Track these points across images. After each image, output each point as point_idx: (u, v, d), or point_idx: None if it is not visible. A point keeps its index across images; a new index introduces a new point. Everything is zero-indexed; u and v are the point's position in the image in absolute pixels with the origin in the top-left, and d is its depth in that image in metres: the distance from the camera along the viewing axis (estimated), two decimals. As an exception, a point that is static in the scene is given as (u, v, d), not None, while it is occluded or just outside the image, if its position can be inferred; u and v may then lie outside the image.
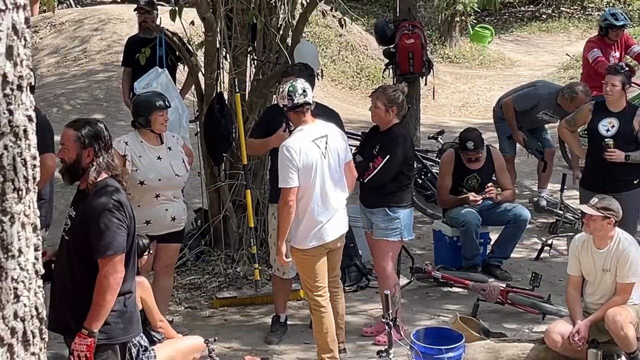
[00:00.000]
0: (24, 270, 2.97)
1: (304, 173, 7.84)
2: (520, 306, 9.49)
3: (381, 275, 9.08)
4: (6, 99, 2.85)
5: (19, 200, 2.90)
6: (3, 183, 2.88)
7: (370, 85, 15.95)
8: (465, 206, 10.30)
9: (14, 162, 2.90)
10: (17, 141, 2.88)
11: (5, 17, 2.82)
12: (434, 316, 9.53)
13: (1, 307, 2.89)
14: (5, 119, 2.85)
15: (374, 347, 8.74)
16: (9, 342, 2.94)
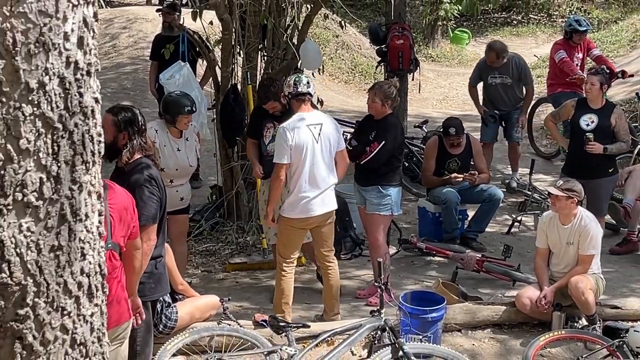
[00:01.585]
0: (89, 233, 2.99)
1: (296, 151, 7.96)
2: (493, 274, 9.56)
3: (373, 245, 9.14)
4: (77, 83, 2.87)
5: (87, 171, 2.93)
6: (73, 156, 2.90)
7: (363, 80, 15.99)
8: (446, 186, 10.35)
9: (82, 138, 2.92)
10: (86, 120, 2.90)
11: (78, 11, 2.84)
12: (418, 281, 9.57)
13: (70, 264, 2.91)
14: (76, 101, 2.87)
15: (367, 308, 8.79)
16: (76, 294, 2.95)
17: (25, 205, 2.83)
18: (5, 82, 2.74)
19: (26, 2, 2.73)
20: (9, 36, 2.72)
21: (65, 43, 2.82)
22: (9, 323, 2.86)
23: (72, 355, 2.97)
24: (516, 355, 7.91)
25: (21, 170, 2.80)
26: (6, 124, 2.76)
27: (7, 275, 2.82)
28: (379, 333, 7.46)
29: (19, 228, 2.82)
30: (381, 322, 7.41)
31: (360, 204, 9.32)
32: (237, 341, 7.43)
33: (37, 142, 2.80)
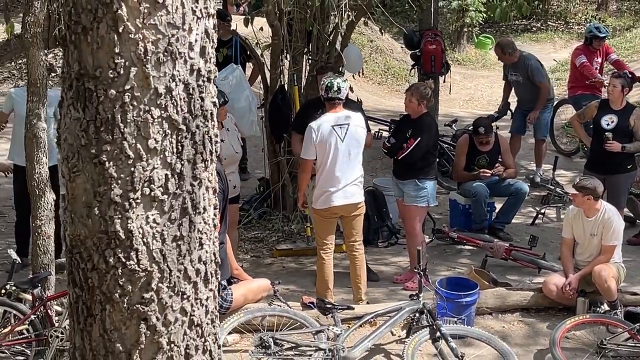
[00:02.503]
0: (206, 224, 3.03)
1: (320, 149, 8.13)
2: (520, 262, 9.56)
3: (411, 234, 9.18)
4: (199, 89, 2.91)
5: (205, 168, 2.97)
6: (195, 155, 2.94)
7: (395, 82, 16.04)
8: (476, 180, 10.35)
9: (203, 138, 2.96)
10: (206, 122, 2.95)
11: (201, 23, 2.88)
12: (450, 268, 9.58)
13: (190, 252, 2.96)
14: (198, 104, 2.91)
15: (403, 292, 8.83)
16: (195, 280, 3.00)
17: (152, 199, 2.88)
18: (137, 88, 2.79)
19: (157, 15, 2.78)
20: (141, 46, 2.77)
21: (190, 52, 2.86)
22: (135, 306, 2.92)
23: (190, 335, 3.02)
24: (543, 337, 7.91)
25: (149, 167, 2.85)
26: (137, 126, 2.81)
27: (135, 263, 2.87)
28: (418, 315, 7.54)
29: (146, 220, 2.87)
30: (420, 305, 7.48)
31: (398, 196, 9.35)
32: (287, 321, 7.49)
33: (163, 142, 2.85)
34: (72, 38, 2.83)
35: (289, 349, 7.29)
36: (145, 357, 2.95)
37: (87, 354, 2.99)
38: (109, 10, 2.75)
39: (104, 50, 2.78)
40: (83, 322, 2.98)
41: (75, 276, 2.97)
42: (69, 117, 2.88)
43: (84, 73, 2.82)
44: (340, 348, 7.21)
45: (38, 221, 7.37)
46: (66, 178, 2.93)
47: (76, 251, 2.95)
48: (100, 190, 2.85)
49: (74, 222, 2.92)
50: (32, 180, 7.40)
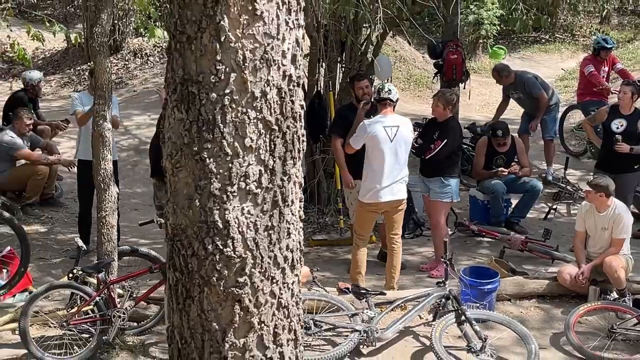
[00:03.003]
0: (294, 216, 3.05)
1: (370, 144, 8.15)
2: (535, 253, 9.53)
3: (436, 227, 9.18)
4: (290, 93, 2.93)
5: (294, 165, 2.99)
6: (285, 153, 2.96)
7: (417, 88, 16.03)
8: (494, 178, 10.35)
9: (292, 138, 2.98)
10: (295, 123, 2.96)
11: (292, 33, 2.89)
12: (471, 258, 9.56)
13: (279, 241, 2.97)
14: (289, 107, 2.93)
15: (429, 280, 8.82)
16: (283, 266, 3.02)
17: (247, 192, 2.89)
18: (236, 91, 2.81)
19: (255, 25, 2.79)
20: (240, 53, 2.79)
21: (283, 59, 2.88)
22: (231, 289, 2.93)
23: (278, 316, 3.03)
24: (558, 322, 7.89)
25: (245, 163, 2.87)
26: (235, 126, 2.83)
27: (231, 250, 2.89)
28: (444, 301, 7.55)
29: (241, 211, 2.89)
30: (446, 291, 7.49)
31: (424, 192, 9.38)
32: (325, 304, 7.51)
33: (258, 141, 2.87)
34: (177, 46, 2.85)
35: (327, 330, 7.32)
36: (239, 335, 2.96)
37: (185, 332, 3.00)
38: (212, 22, 2.76)
39: (206, 57, 2.80)
40: (182, 303, 3.00)
41: (176, 261, 2.99)
42: (172, 118, 2.90)
43: (187, 78, 2.84)
44: (374, 329, 7.23)
45: (103, 212, 7.41)
46: (169, 173, 2.95)
47: (177, 239, 2.97)
48: (201, 184, 2.87)
49: (175, 212, 2.94)
50: (98, 175, 7.45)
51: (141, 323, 7.62)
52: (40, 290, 7.21)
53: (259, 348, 3.00)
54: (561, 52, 21.55)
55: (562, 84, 17.50)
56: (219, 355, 2.96)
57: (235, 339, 2.96)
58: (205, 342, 2.97)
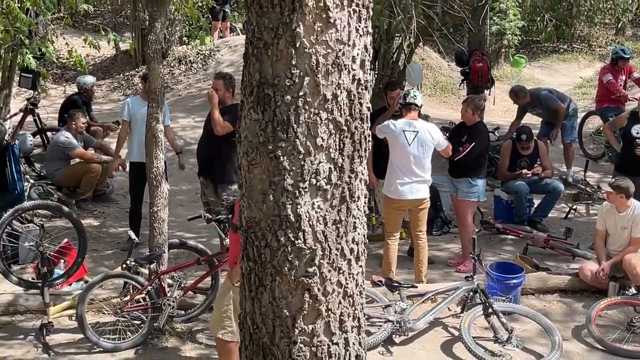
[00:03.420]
0: (359, 210, 3.05)
1: (390, 142, 8.23)
2: (557, 250, 9.50)
3: (463, 225, 9.18)
4: (358, 95, 2.93)
5: (360, 163, 2.99)
6: (353, 152, 2.96)
7: (442, 94, 16.02)
8: (518, 180, 10.32)
9: (360, 138, 2.98)
10: (362, 124, 2.97)
11: (362, 40, 2.90)
12: (496, 254, 9.53)
13: (346, 234, 2.98)
14: (357, 109, 2.93)
15: (456, 274, 8.82)
16: (349, 258, 3.02)
17: (317, 188, 2.90)
18: (309, 94, 2.82)
19: (328, 32, 2.80)
20: (314, 59, 2.80)
21: (353, 64, 2.88)
22: (301, 278, 2.94)
23: (344, 304, 3.03)
24: (579, 315, 7.87)
25: (316, 161, 2.87)
26: (307, 126, 2.84)
27: (302, 242, 2.90)
28: (472, 294, 7.57)
29: (312, 206, 2.89)
30: (474, 285, 7.50)
31: (452, 192, 9.39)
32: (361, 296, 7.48)
33: (329, 140, 2.87)
34: (254, 52, 2.86)
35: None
36: (307, 321, 2.98)
37: (256, 318, 3.02)
38: (289, 29, 2.78)
39: (282, 62, 2.81)
40: (255, 291, 3.01)
41: (249, 252, 3.00)
42: (249, 118, 2.91)
43: (263, 81, 2.86)
44: (406, 320, 7.24)
45: (155, 207, 7.44)
46: (244, 169, 2.97)
47: (251, 231, 2.98)
48: (275, 180, 2.89)
49: (250, 206, 2.96)
50: (151, 173, 7.47)
51: (188, 311, 7.67)
52: (96, 280, 7.27)
53: (326, 334, 3.01)
54: (578, 62, 21.46)
55: (580, 91, 17.43)
56: (288, 340, 2.97)
57: (304, 325, 2.97)
58: (276, 327, 2.98)
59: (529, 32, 17.40)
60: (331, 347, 3.02)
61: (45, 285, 7.30)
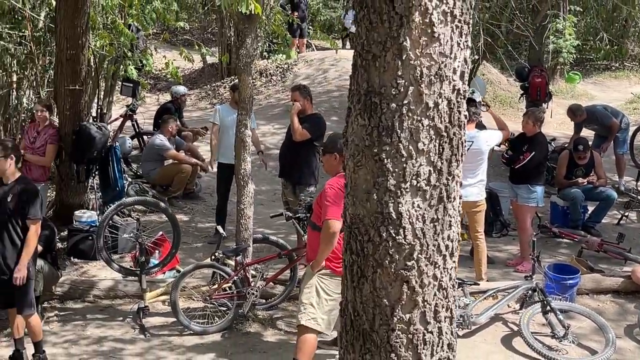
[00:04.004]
0: (455, 210, 3.03)
1: None
2: (610, 254, 9.31)
3: (522, 228, 9.07)
4: (457, 104, 2.92)
5: (457, 167, 2.98)
6: (451, 156, 2.95)
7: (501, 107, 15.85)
8: (573, 187, 10.16)
9: (457, 143, 2.97)
10: (460, 130, 2.96)
11: (462, 53, 2.89)
12: (552, 256, 9.37)
13: (442, 232, 2.96)
14: (456, 117, 2.91)
15: (515, 274, 8.71)
16: (444, 253, 3.00)
17: (417, 189, 2.89)
18: (412, 102, 2.82)
19: (432, 46, 2.80)
20: (418, 70, 2.79)
21: (453, 75, 2.87)
22: (400, 271, 2.94)
23: (438, 296, 3.02)
24: (631, 315, 7.72)
25: (417, 164, 2.87)
26: (410, 132, 2.83)
27: (402, 237, 2.89)
28: (531, 292, 7.49)
29: (412, 205, 2.89)
30: (533, 284, 7.42)
31: (512, 197, 9.27)
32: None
33: (429, 145, 2.87)
34: (362, 63, 2.87)
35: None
36: (405, 311, 2.97)
37: (357, 306, 3.02)
38: (396, 42, 2.78)
39: (389, 73, 2.81)
40: (357, 282, 3.01)
41: (352, 245, 3.01)
42: (355, 124, 2.92)
43: (371, 90, 2.86)
44: (469, 314, 7.18)
45: (242, 205, 7.51)
46: (350, 170, 2.97)
47: (355, 227, 2.99)
48: (378, 181, 2.89)
49: (354, 204, 2.97)
50: (239, 174, 7.54)
51: (269, 300, 7.72)
52: (188, 269, 7.37)
53: (422, 323, 2.99)
54: (629, 78, 21.06)
55: (631, 106, 17.10)
56: (387, 327, 2.97)
57: (402, 314, 2.96)
58: (375, 315, 2.98)
59: (582, 50, 17.09)
60: (426, 335, 3.00)
61: (142, 273, 7.43)
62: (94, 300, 7.74)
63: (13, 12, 9.89)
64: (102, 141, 9.02)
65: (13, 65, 10.16)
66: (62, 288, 7.76)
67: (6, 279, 6.23)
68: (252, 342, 6.99)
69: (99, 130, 9.01)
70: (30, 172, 8.56)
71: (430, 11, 2.75)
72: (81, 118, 9.10)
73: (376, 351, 2.99)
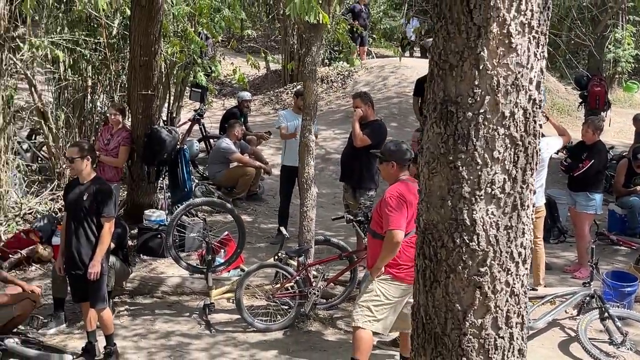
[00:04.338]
0: (528, 218, 2.99)
1: None
2: (669, 262, 9.08)
3: (580, 235, 8.91)
4: (533, 114, 2.87)
5: (531, 175, 2.94)
6: (525, 165, 2.91)
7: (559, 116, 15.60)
8: (632, 195, 9.94)
9: (532, 152, 2.93)
10: (535, 139, 2.93)
11: (538, 64, 2.85)
12: (609, 263, 9.17)
13: (515, 239, 2.93)
14: (531, 126, 2.88)
15: (572, 280, 8.54)
16: (517, 260, 2.96)
17: (492, 196, 2.86)
18: (489, 111, 2.79)
19: (509, 56, 2.77)
20: (495, 80, 2.77)
21: (529, 85, 2.84)
22: (473, 276, 2.91)
23: (510, 302, 2.98)
24: (690, 321, 7.48)
25: (492, 172, 2.84)
26: (486, 140, 2.81)
27: (476, 244, 2.87)
28: (589, 299, 7.33)
29: (486, 212, 2.86)
30: (591, 291, 7.28)
31: (570, 205, 9.10)
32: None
33: (504, 153, 2.83)
34: (439, 72, 2.86)
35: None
36: (477, 316, 2.94)
37: (429, 310, 3.00)
38: (473, 53, 2.76)
39: (465, 82, 2.79)
40: (429, 286, 2.99)
41: (426, 250, 2.99)
42: (431, 132, 2.91)
43: (447, 99, 2.84)
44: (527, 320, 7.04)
45: (304, 207, 7.53)
46: (425, 177, 2.96)
47: (428, 232, 2.97)
48: (453, 188, 2.86)
49: (428, 210, 2.95)
50: (302, 177, 7.56)
51: (329, 300, 7.71)
52: (253, 268, 7.41)
53: (493, 328, 2.96)
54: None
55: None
56: (459, 332, 2.94)
57: (474, 319, 2.93)
58: (447, 319, 2.95)
59: (640, 60, 16.80)
60: (497, 340, 2.96)
61: (209, 271, 7.50)
62: (162, 296, 7.84)
63: (89, 19, 10.11)
64: (172, 144, 9.15)
65: (88, 70, 10.38)
66: (132, 284, 7.88)
67: (81, 274, 6.33)
68: (313, 340, 7.00)
69: (169, 133, 9.14)
70: (104, 172, 8.72)
71: (508, 22, 2.72)
72: (152, 122, 9.25)
73: (447, 355, 2.96)
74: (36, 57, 9.78)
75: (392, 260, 5.73)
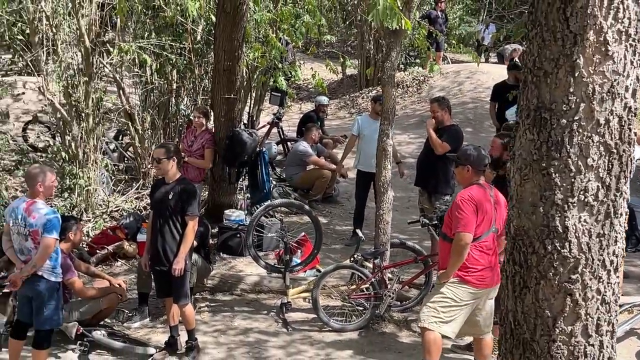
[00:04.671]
0: (621, 226, 2.95)
1: None
2: None
3: (660, 244, 8.60)
4: (628, 122, 2.83)
5: (625, 183, 2.89)
6: (620, 172, 2.86)
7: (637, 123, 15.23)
8: None
9: (627, 160, 2.88)
10: (630, 147, 2.86)
11: (634, 71, 2.80)
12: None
13: (608, 247, 2.88)
14: (627, 133, 2.83)
15: (651, 289, 8.30)
16: (609, 268, 2.92)
17: (584, 204, 2.82)
18: (583, 119, 2.76)
19: (605, 64, 2.72)
20: (590, 87, 2.72)
21: (625, 93, 2.78)
22: (564, 283, 2.87)
23: (601, 310, 2.93)
24: None
25: (585, 179, 2.79)
26: (580, 147, 2.77)
27: (567, 251, 2.83)
28: (669, 309, 7.04)
29: (578, 219, 2.82)
30: (672, 301, 6.99)
31: (650, 213, 8.79)
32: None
33: (598, 161, 2.79)
34: (533, 79, 2.83)
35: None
36: (567, 323, 2.89)
37: (518, 316, 2.97)
38: (569, 60, 2.72)
39: (560, 89, 2.76)
40: (518, 292, 2.96)
41: (515, 256, 2.96)
42: (524, 138, 2.88)
43: (541, 106, 2.81)
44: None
45: (381, 210, 7.51)
46: (517, 183, 2.93)
47: (519, 238, 2.94)
48: (545, 194, 2.83)
49: (520, 216, 2.92)
50: (379, 181, 7.55)
51: (404, 303, 7.67)
52: (329, 269, 7.43)
53: (583, 335, 2.90)
54: None
55: None
56: (548, 338, 2.89)
57: (564, 326, 2.88)
58: (537, 326, 2.91)
59: None
60: (587, 348, 2.91)
61: (287, 270, 7.56)
62: (241, 294, 7.94)
63: (175, 25, 10.33)
64: (252, 146, 9.27)
65: (173, 74, 10.61)
66: (213, 281, 8.01)
67: (165, 270, 6.45)
68: (388, 341, 6.97)
69: (250, 136, 9.27)
70: (187, 172, 8.87)
71: (605, 30, 2.67)
72: (234, 124, 9.39)
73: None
74: (125, 61, 10.05)
75: (462, 264, 5.67)
